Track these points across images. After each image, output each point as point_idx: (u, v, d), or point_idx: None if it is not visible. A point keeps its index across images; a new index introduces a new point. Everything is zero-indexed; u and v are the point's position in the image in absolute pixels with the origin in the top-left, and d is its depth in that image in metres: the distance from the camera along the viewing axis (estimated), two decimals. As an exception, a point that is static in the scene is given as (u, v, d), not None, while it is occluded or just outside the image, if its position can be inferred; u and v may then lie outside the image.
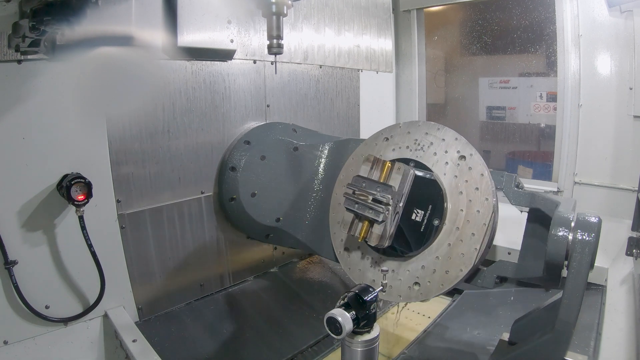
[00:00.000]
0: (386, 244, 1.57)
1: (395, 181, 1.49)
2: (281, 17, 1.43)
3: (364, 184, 1.56)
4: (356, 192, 1.57)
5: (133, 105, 1.89)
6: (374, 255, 1.74)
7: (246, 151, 2.32)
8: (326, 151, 2.35)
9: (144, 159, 2.10)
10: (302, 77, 2.81)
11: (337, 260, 1.88)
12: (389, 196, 1.47)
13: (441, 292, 1.61)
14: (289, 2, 1.43)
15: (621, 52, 2.77)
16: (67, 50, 1.41)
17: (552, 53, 3.14)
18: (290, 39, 2.69)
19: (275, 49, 1.46)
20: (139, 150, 2.07)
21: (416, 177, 1.54)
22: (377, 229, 1.52)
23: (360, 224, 1.59)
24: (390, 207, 1.48)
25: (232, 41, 2.30)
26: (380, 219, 1.48)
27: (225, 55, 2.32)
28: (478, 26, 3.68)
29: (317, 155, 2.37)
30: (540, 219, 1.60)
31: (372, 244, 1.57)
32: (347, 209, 1.61)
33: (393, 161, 1.58)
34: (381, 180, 1.53)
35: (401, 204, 1.50)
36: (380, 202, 1.49)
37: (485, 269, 1.70)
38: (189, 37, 2.07)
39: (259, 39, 2.47)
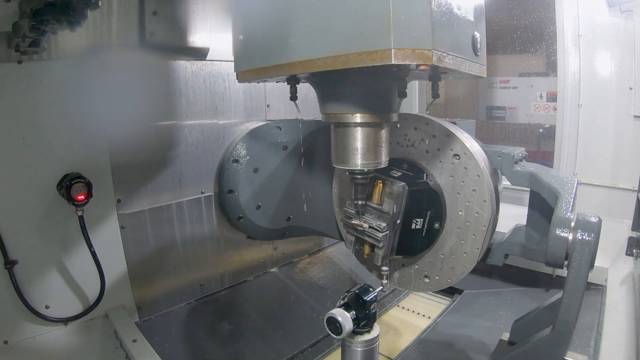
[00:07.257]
0: (391, 256, 1.57)
1: (389, 205, 1.47)
2: None
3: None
4: (352, 220, 1.55)
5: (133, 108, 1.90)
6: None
7: (237, 171, 2.32)
8: (316, 139, 2.35)
9: (144, 159, 2.10)
10: (302, 77, 2.80)
11: None
12: (385, 224, 1.46)
13: (450, 285, 1.68)
14: None
15: (621, 52, 2.76)
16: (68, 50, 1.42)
17: (552, 53, 3.14)
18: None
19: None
20: (139, 150, 2.07)
21: (410, 191, 1.50)
22: (379, 250, 1.52)
23: (364, 244, 1.59)
24: (387, 232, 1.47)
25: None
26: (380, 245, 1.49)
27: None
28: (478, 26, 3.67)
29: (308, 146, 2.38)
30: (541, 201, 1.58)
31: (378, 264, 1.57)
32: (348, 232, 1.61)
33: (385, 178, 1.54)
34: (375, 202, 1.51)
35: (399, 221, 1.50)
36: (377, 230, 1.49)
37: (494, 247, 1.72)
38: None
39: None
